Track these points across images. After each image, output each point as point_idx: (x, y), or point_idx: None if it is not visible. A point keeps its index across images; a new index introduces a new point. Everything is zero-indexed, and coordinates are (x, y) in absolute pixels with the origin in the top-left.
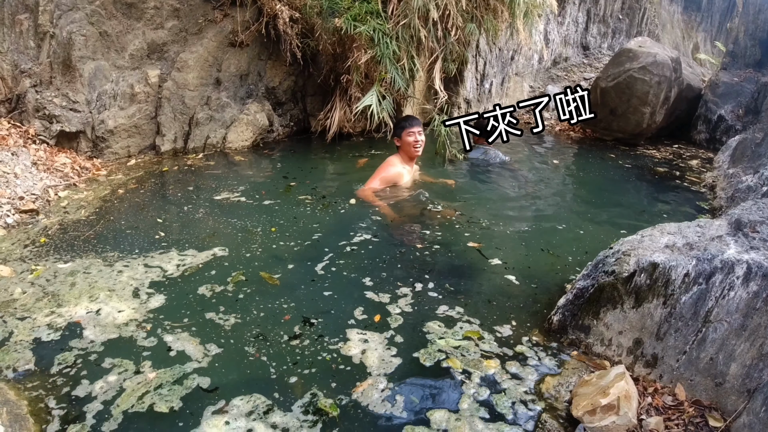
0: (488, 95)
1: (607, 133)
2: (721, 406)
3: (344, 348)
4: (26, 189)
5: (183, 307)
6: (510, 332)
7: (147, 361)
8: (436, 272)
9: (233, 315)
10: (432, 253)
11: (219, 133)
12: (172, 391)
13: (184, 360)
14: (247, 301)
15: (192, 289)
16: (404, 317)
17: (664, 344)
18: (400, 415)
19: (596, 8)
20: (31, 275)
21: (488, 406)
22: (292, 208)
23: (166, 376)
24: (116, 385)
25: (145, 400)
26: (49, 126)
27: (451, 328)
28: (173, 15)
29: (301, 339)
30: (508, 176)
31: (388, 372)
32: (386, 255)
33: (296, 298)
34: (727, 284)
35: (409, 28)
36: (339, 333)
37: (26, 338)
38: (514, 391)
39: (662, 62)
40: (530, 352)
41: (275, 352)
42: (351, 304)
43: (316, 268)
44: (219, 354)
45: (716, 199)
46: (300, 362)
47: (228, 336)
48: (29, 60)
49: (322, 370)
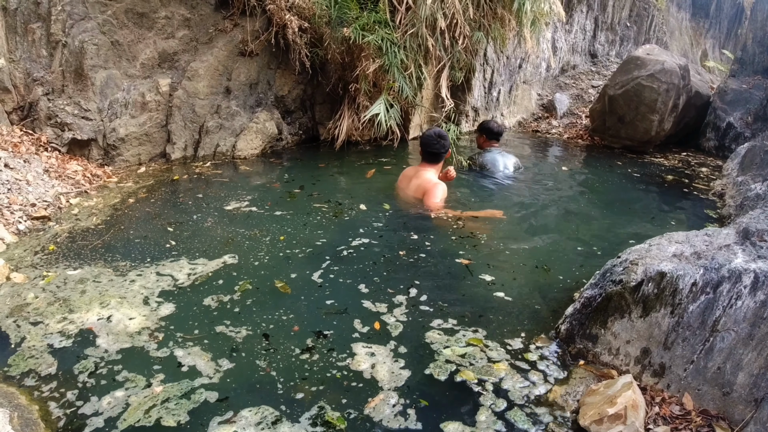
0: (496, 103)
1: (615, 141)
2: (728, 416)
3: (353, 363)
4: (38, 196)
5: (192, 317)
6: (517, 341)
7: (159, 374)
8: (436, 278)
9: (242, 325)
10: (431, 262)
11: (229, 141)
12: (180, 405)
13: (194, 374)
14: (253, 311)
15: (201, 298)
16: (404, 326)
17: (671, 353)
18: (414, 427)
19: (604, 16)
20: (42, 281)
21: (499, 417)
22: (300, 216)
23: (173, 389)
24: (124, 397)
25: (152, 414)
26: (61, 134)
27: (453, 335)
28: (184, 25)
29: (311, 353)
30: (515, 184)
31: (399, 385)
32: (387, 262)
33: (303, 307)
34: (734, 293)
35: (417, 37)
36: (345, 347)
37: (39, 343)
38: (521, 400)
39: (670, 69)
40: (537, 361)
41: (285, 366)
42: (353, 313)
43: (321, 277)
44: (230, 368)
45: (725, 207)
46: (309, 377)
47: (238, 348)
48: (41, 68)
49: (333, 385)
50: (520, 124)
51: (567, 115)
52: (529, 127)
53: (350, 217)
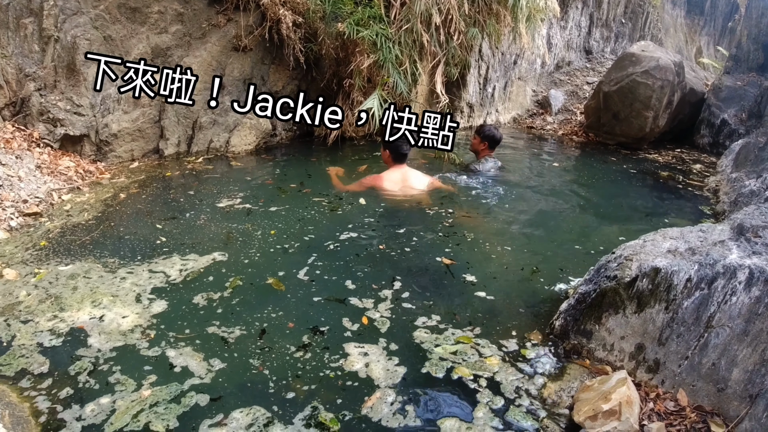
0: (491, 99)
1: (609, 138)
2: (723, 412)
3: (346, 364)
4: (30, 192)
5: (183, 315)
6: (511, 338)
7: (151, 376)
8: (419, 274)
9: (233, 323)
10: (416, 258)
11: (222, 137)
12: (169, 409)
13: (186, 375)
14: (244, 308)
15: (192, 295)
16: (391, 322)
17: (666, 349)
18: (413, 424)
19: (599, 12)
20: (34, 278)
21: (495, 414)
22: (293, 211)
23: (162, 393)
24: (113, 398)
25: (140, 418)
26: (53, 129)
27: (442, 333)
28: (177, 20)
29: (306, 350)
30: (508, 181)
31: (395, 383)
32: (372, 256)
33: (292, 304)
34: (729, 289)
35: (412, 32)
36: (338, 346)
37: (29, 342)
38: (515, 396)
39: (665, 66)
40: (531, 357)
41: (278, 364)
42: (341, 310)
43: (309, 273)
44: (222, 368)
45: (719, 203)
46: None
47: (231, 349)
48: (33, 64)
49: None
50: (515, 120)
51: (562, 112)
52: (523, 123)
53: (341, 211)
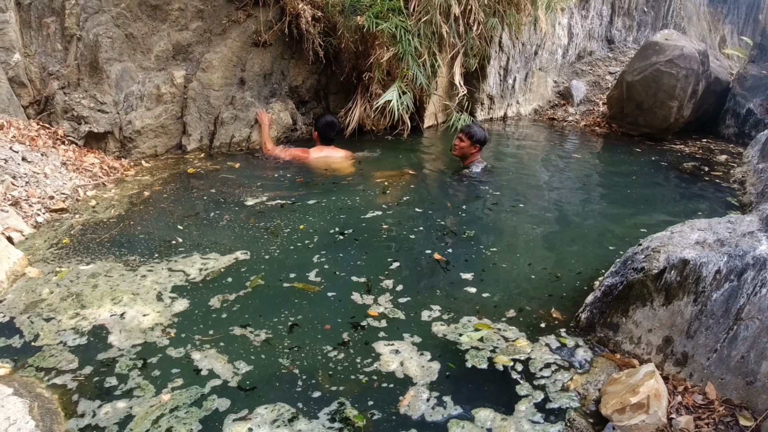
0: (511, 91)
1: (633, 128)
2: (751, 405)
3: (382, 364)
4: (56, 188)
5: (204, 314)
6: (539, 330)
7: (177, 379)
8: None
9: (258, 324)
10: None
11: (244, 132)
12: (190, 412)
13: (211, 376)
14: (265, 307)
15: (212, 294)
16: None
17: (694, 342)
18: (447, 415)
19: (621, 1)
20: (56, 277)
21: (524, 406)
22: (312, 205)
23: (183, 396)
24: (134, 399)
25: (161, 424)
26: (78, 127)
27: (459, 322)
28: (197, 16)
29: (340, 350)
30: (527, 176)
31: (431, 380)
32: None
33: (327, 303)
34: (759, 281)
35: (431, 24)
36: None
37: (53, 340)
38: (543, 389)
39: (689, 55)
40: (557, 350)
41: (310, 363)
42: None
43: (341, 268)
44: (249, 370)
45: (746, 194)
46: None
47: (255, 345)
48: (57, 62)
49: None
50: (536, 111)
51: (584, 103)
52: (545, 114)
53: (355, 205)
